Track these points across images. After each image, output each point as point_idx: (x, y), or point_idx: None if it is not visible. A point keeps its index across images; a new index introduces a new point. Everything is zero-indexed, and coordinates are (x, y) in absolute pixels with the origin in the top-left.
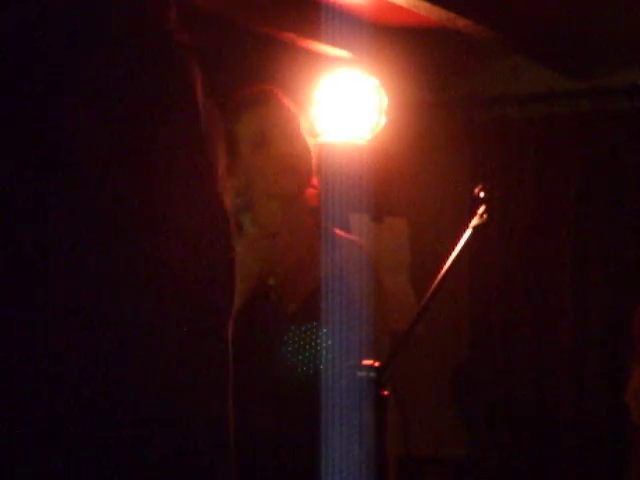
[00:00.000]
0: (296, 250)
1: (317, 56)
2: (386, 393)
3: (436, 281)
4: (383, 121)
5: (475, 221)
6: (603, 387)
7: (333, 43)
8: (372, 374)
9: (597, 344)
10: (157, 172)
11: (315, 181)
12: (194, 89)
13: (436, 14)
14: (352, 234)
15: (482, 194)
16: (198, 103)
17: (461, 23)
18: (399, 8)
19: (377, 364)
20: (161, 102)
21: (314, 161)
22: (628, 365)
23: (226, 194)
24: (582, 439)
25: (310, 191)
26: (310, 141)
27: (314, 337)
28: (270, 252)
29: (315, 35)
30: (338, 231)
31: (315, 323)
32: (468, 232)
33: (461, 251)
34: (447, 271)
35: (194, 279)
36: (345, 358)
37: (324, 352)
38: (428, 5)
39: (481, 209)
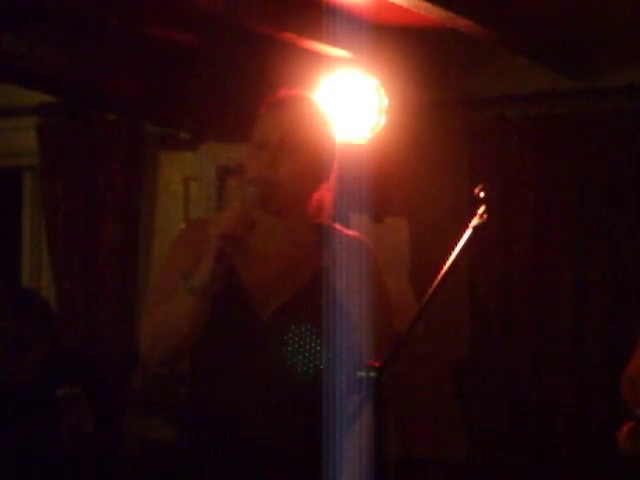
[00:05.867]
0: (280, 255)
1: (317, 56)
2: (386, 393)
3: (436, 281)
4: (383, 121)
5: (475, 221)
6: (603, 387)
7: (333, 43)
8: (372, 374)
9: (597, 344)
10: None
11: (326, 193)
12: None
13: (436, 14)
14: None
15: (482, 194)
16: None
17: (461, 23)
18: (399, 8)
19: (377, 364)
20: None
21: (311, 178)
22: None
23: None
24: (582, 439)
25: (323, 200)
26: (313, 156)
27: (314, 337)
28: (226, 230)
29: (315, 35)
30: (338, 227)
31: (314, 323)
32: (468, 232)
33: (461, 251)
34: (447, 271)
35: None
36: (340, 358)
37: (324, 352)
38: (428, 5)
39: (481, 209)
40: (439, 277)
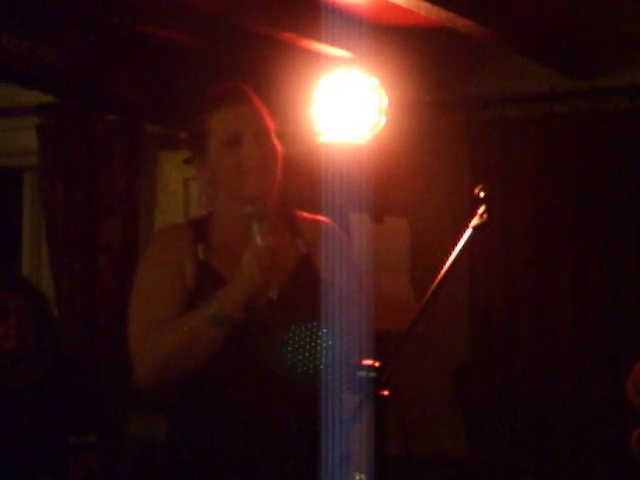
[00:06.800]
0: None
1: (317, 56)
2: (386, 393)
3: (436, 281)
4: (383, 121)
5: (475, 221)
6: (603, 387)
7: (333, 43)
8: (372, 374)
9: (597, 344)
10: None
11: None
12: None
13: (436, 14)
14: (351, 233)
15: (482, 194)
16: None
17: (461, 23)
18: (399, 8)
19: (377, 364)
20: None
21: (280, 165)
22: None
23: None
24: (582, 439)
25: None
26: (277, 144)
27: (314, 337)
28: (268, 262)
29: (315, 35)
30: (301, 213)
31: (315, 323)
32: (468, 232)
33: (461, 251)
34: (447, 271)
35: None
36: (341, 355)
37: (324, 352)
38: (428, 5)
39: (481, 209)
40: (439, 277)
